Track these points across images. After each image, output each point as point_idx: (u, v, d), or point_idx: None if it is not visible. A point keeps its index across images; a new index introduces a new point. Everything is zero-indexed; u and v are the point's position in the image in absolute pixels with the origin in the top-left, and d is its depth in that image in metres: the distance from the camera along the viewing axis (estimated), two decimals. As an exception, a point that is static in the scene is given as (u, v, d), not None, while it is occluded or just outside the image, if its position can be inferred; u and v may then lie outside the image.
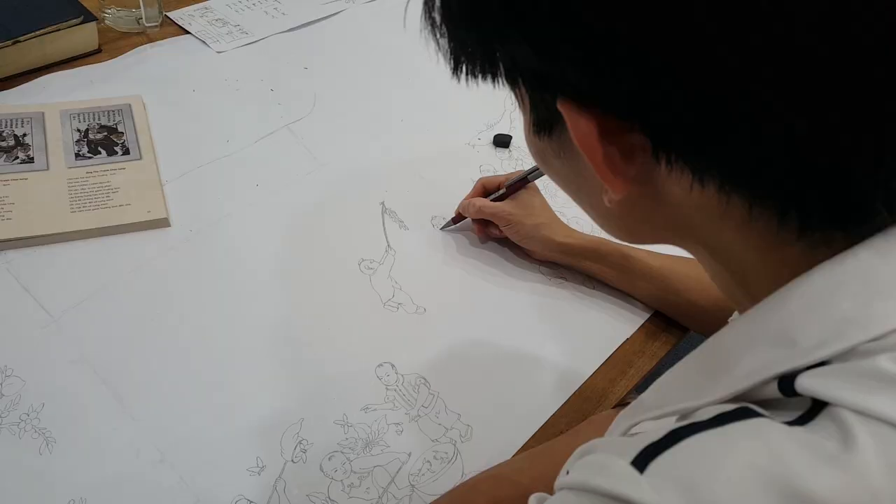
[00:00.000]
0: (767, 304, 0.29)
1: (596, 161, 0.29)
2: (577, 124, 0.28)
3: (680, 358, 0.33)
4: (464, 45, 0.31)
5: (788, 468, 0.22)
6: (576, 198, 0.37)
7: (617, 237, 0.37)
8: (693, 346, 0.33)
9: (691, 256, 0.35)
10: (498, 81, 0.32)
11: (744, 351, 0.28)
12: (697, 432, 0.25)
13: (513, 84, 0.31)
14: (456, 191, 0.79)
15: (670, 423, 0.29)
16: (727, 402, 0.27)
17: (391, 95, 0.91)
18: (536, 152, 0.36)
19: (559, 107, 0.29)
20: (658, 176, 0.29)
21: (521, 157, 0.86)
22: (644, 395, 0.33)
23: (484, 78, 0.32)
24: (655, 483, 0.24)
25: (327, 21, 1.00)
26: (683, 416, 0.29)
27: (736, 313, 0.46)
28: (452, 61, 0.32)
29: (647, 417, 0.31)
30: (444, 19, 0.31)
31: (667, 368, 0.33)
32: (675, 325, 0.69)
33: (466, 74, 0.32)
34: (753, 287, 0.31)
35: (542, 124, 0.33)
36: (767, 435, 0.24)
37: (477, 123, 0.90)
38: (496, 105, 0.93)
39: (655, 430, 0.27)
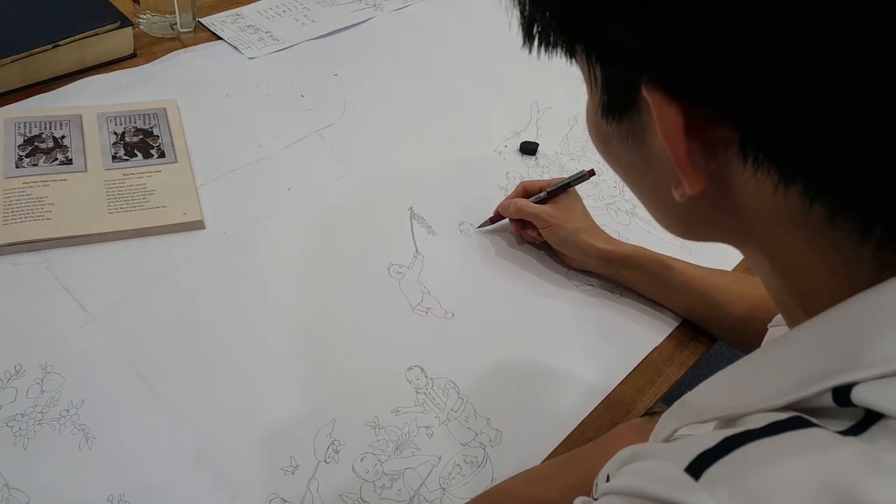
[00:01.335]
0: (829, 316, 0.28)
1: (678, 153, 0.28)
2: (665, 113, 0.27)
3: (708, 368, 0.33)
4: (550, 14, 0.29)
5: (848, 478, 0.23)
6: (635, 187, 0.36)
7: (673, 232, 0.36)
8: (722, 355, 0.33)
9: (728, 269, 0.35)
10: (572, 56, 0.30)
11: (799, 361, 0.28)
12: (752, 440, 0.25)
13: (588, 61, 0.30)
14: (483, 197, 0.79)
15: (717, 430, 0.29)
16: (777, 411, 0.27)
17: (419, 102, 0.92)
18: (598, 135, 0.35)
19: (645, 93, 0.27)
20: (734, 174, 0.29)
21: (547, 165, 0.87)
22: (690, 396, 0.33)
23: (556, 50, 0.30)
24: (712, 491, 0.24)
25: (356, 28, 1.02)
26: (728, 422, 0.29)
27: (776, 320, 0.47)
28: (527, 29, 0.30)
29: (695, 420, 0.31)
30: None
31: (694, 378, 0.33)
32: (704, 335, 0.69)
33: (539, 45, 0.31)
34: (811, 298, 0.31)
35: (614, 107, 0.31)
36: (825, 444, 0.24)
37: (503, 131, 0.91)
38: (523, 113, 0.94)
39: (701, 435, 0.27)
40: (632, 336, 0.69)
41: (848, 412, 0.25)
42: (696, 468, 0.25)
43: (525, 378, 0.64)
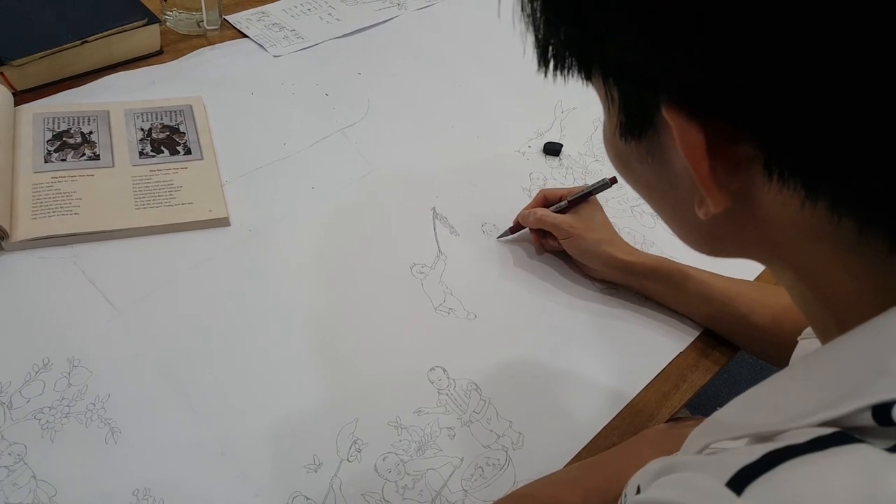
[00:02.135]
0: (863, 331, 0.28)
1: (701, 172, 0.27)
2: (686, 133, 0.27)
3: (728, 374, 0.32)
4: (565, 36, 0.29)
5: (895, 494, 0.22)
6: (657, 205, 0.36)
7: (696, 249, 0.36)
8: (743, 361, 0.33)
9: (751, 278, 0.34)
10: (588, 78, 0.30)
11: (835, 377, 0.27)
12: (796, 456, 0.25)
13: (605, 82, 0.30)
14: (506, 198, 0.79)
15: (753, 445, 0.28)
16: (818, 427, 0.27)
17: (442, 102, 0.92)
18: (617, 156, 0.35)
19: (665, 113, 0.27)
20: (759, 191, 0.28)
21: (570, 166, 0.87)
22: (720, 414, 0.33)
23: (572, 74, 0.30)
24: None
25: (380, 27, 1.02)
26: (764, 438, 0.29)
27: (806, 333, 0.46)
28: (542, 53, 0.30)
29: (726, 437, 0.31)
30: (547, 8, 0.29)
31: (717, 385, 0.32)
32: (728, 342, 0.69)
33: (555, 69, 0.30)
34: (844, 313, 0.30)
35: (632, 127, 0.31)
36: (871, 461, 0.24)
37: (527, 131, 0.90)
38: (546, 113, 0.93)
39: (740, 449, 0.27)
40: (655, 343, 0.68)
41: (889, 431, 0.25)
42: (738, 483, 0.25)
43: (547, 381, 0.64)
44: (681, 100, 0.26)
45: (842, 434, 0.25)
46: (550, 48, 0.30)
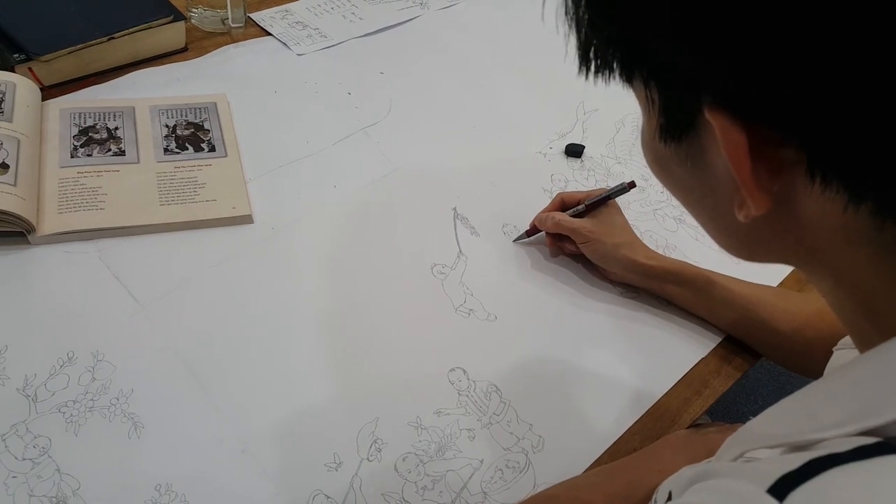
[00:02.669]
0: None
1: (743, 174, 0.27)
2: (729, 135, 0.26)
3: (747, 380, 0.32)
4: (608, 38, 0.29)
5: None
6: (695, 209, 0.36)
7: (733, 253, 0.36)
8: (761, 367, 0.32)
9: (775, 283, 0.34)
10: (629, 80, 0.30)
11: (876, 385, 0.27)
12: (838, 465, 0.24)
13: (646, 84, 0.30)
14: (527, 200, 0.79)
15: (785, 453, 0.28)
16: (858, 436, 0.26)
17: (464, 102, 0.91)
18: (655, 159, 0.34)
19: (708, 115, 0.27)
20: (800, 193, 0.28)
21: (592, 168, 0.86)
22: (755, 423, 0.32)
23: (613, 76, 0.30)
24: None
25: (403, 27, 1.02)
26: (800, 447, 0.29)
27: (842, 343, 0.46)
28: (584, 54, 0.30)
29: (762, 445, 0.31)
30: (591, 9, 0.29)
31: (739, 391, 0.32)
32: (750, 349, 0.68)
33: (596, 71, 0.30)
34: (884, 320, 0.30)
35: (672, 129, 0.31)
36: None
37: (548, 132, 0.90)
38: (568, 114, 0.93)
39: (780, 457, 0.27)
40: (677, 347, 0.68)
41: None
42: (780, 490, 0.25)
43: (568, 384, 0.64)
44: (724, 103, 0.26)
45: (884, 444, 0.25)
46: (593, 49, 0.30)
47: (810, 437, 0.28)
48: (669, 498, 0.34)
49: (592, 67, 0.31)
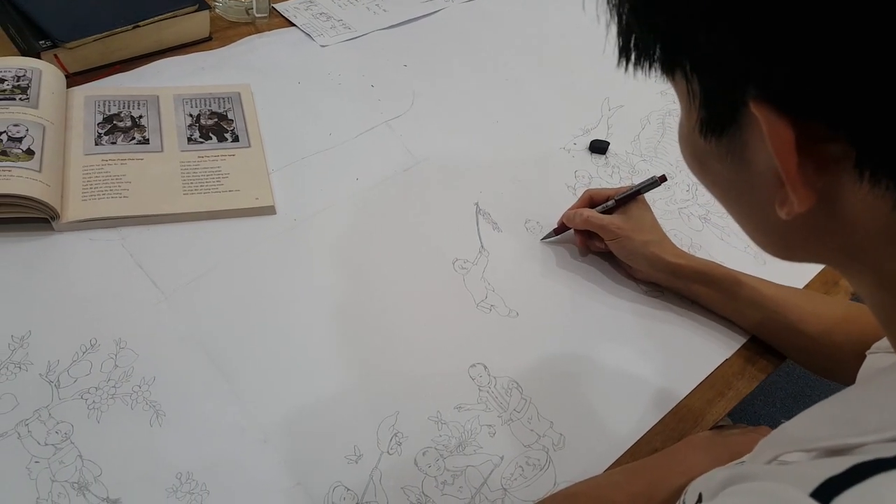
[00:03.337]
0: None
1: (789, 170, 0.27)
2: (775, 127, 0.26)
3: (768, 382, 0.31)
4: (651, 28, 0.28)
5: None
6: (732, 205, 0.35)
7: (771, 252, 0.35)
8: (782, 371, 0.32)
9: (801, 284, 0.33)
10: (670, 72, 0.30)
11: None
12: (885, 470, 0.24)
13: (688, 76, 0.29)
14: (550, 196, 0.78)
15: (820, 458, 0.27)
16: None
17: (487, 96, 0.91)
18: (694, 154, 0.34)
19: (754, 108, 0.26)
20: (846, 191, 0.27)
21: (617, 165, 0.85)
22: (790, 426, 0.32)
23: (654, 67, 0.29)
24: None
25: (426, 19, 1.01)
26: (838, 452, 0.28)
27: (875, 347, 0.45)
28: (625, 44, 0.30)
29: (799, 448, 0.30)
30: (639, 2, 0.28)
31: (760, 394, 0.31)
32: (775, 351, 0.67)
33: (636, 62, 0.30)
34: None
35: (714, 124, 0.30)
36: None
37: (573, 128, 0.89)
38: (593, 110, 0.92)
39: (822, 461, 0.26)
40: (701, 348, 0.67)
41: None
42: (824, 494, 0.24)
43: (589, 383, 0.63)
44: (771, 96, 0.26)
45: None
46: (633, 39, 0.29)
47: (849, 441, 0.27)
48: (700, 500, 0.33)
49: (633, 58, 0.30)
